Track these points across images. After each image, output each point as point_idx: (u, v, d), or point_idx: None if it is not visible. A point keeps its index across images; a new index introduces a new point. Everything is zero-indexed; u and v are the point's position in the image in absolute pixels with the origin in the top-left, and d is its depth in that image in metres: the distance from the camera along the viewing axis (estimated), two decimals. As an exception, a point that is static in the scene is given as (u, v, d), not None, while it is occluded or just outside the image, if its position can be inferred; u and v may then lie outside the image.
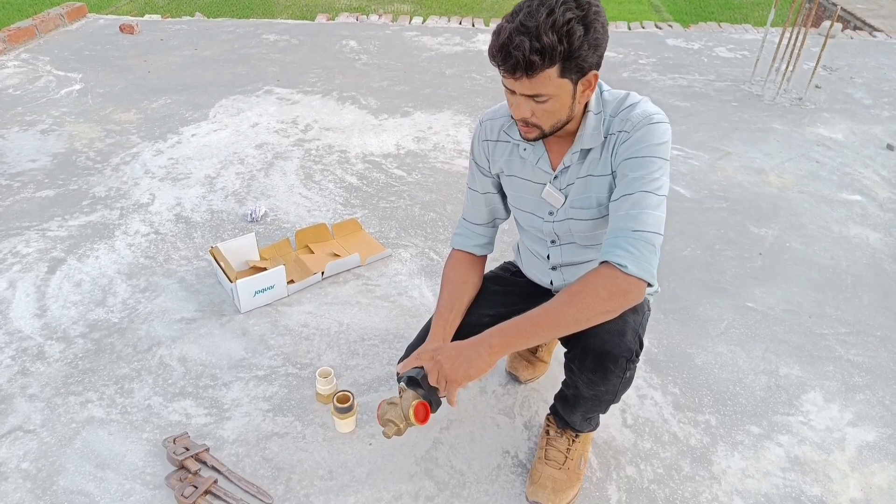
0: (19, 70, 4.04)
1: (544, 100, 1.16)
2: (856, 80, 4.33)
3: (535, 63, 1.09)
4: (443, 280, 1.51)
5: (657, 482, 1.57)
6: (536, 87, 1.14)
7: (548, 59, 1.09)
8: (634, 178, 1.21)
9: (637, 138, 1.22)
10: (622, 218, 1.21)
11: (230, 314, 2.07)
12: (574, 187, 1.33)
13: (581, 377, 1.32)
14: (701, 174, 3.02)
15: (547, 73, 1.11)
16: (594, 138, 1.26)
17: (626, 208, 1.20)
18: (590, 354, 1.28)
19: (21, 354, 1.89)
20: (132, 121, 3.40)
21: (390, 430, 1.27)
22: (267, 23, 5.24)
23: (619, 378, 1.30)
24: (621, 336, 1.26)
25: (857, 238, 2.57)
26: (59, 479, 1.54)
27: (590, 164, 1.29)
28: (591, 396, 1.37)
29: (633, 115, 1.23)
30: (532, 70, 1.10)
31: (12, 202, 2.65)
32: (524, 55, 1.08)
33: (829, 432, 1.72)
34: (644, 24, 5.56)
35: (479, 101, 3.79)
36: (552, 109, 1.18)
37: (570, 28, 1.08)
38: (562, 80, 1.13)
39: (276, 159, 3.04)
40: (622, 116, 1.24)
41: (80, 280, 2.21)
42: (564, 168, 1.32)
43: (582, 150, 1.29)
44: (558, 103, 1.17)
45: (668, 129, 1.23)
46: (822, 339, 2.04)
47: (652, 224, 1.19)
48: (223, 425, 1.69)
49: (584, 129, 1.27)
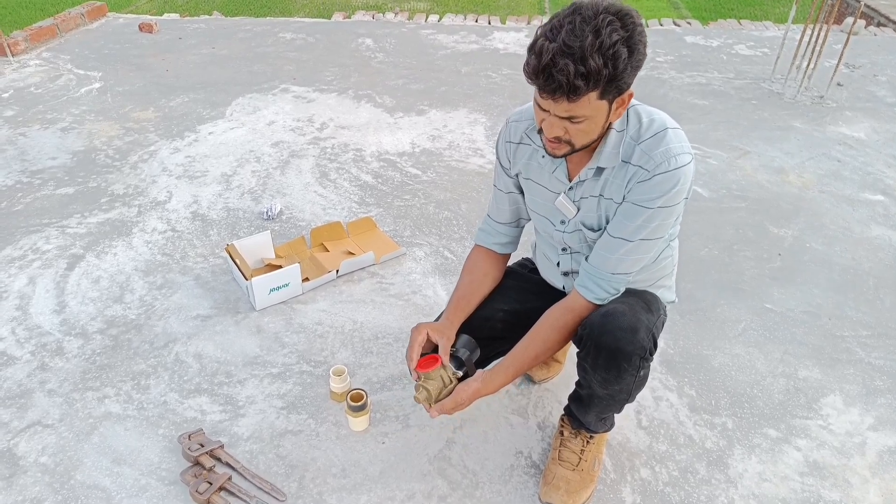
0: (40, 69, 4.09)
1: (580, 121, 1.12)
2: (879, 77, 4.25)
3: (580, 88, 1.04)
4: (462, 271, 1.52)
5: (672, 485, 1.55)
6: (574, 110, 1.10)
7: (593, 83, 1.05)
8: (636, 226, 1.24)
9: (653, 185, 1.19)
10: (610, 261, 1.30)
11: (245, 311, 2.08)
12: (587, 202, 1.31)
13: (595, 376, 1.31)
14: (720, 173, 2.98)
15: (588, 97, 1.07)
16: (612, 158, 1.24)
17: (620, 254, 1.28)
18: (602, 352, 1.26)
19: (40, 350, 1.92)
20: (150, 119, 3.44)
21: (421, 396, 1.36)
22: (284, 21, 5.26)
23: (632, 377, 1.28)
24: (634, 333, 1.25)
25: (879, 239, 2.53)
26: (77, 473, 1.56)
27: (604, 183, 1.27)
28: (605, 396, 1.36)
29: (655, 154, 1.19)
30: (576, 94, 1.05)
31: (33, 199, 2.69)
32: (568, 80, 1.03)
33: (850, 437, 1.69)
34: (662, 21, 5.51)
35: (494, 99, 3.77)
36: (586, 130, 1.15)
37: (615, 51, 1.03)
38: (600, 101, 1.10)
39: (291, 157, 3.06)
40: (644, 148, 1.20)
41: (98, 277, 2.23)
42: (580, 181, 1.30)
43: (598, 167, 1.27)
44: (593, 124, 1.14)
45: (688, 173, 1.20)
46: (842, 341, 2.01)
47: (633, 266, 1.30)
48: (238, 422, 1.70)
49: (605, 147, 1.23)
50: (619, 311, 1.26)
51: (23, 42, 4.32)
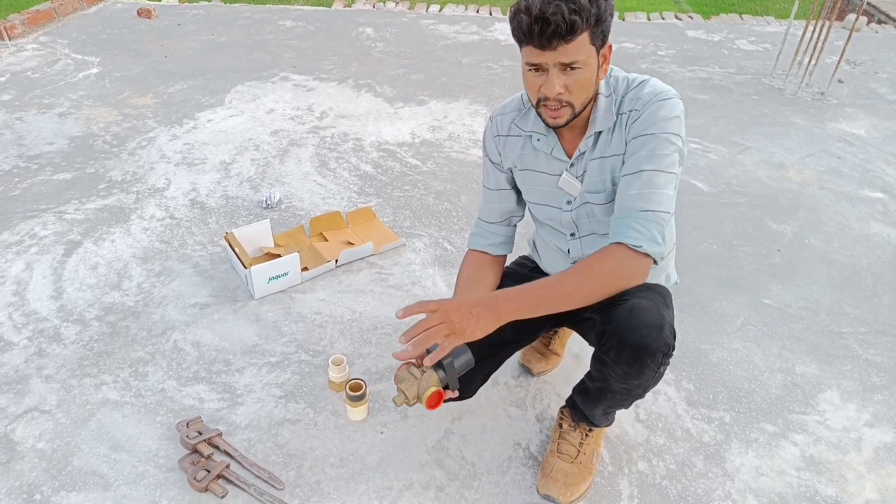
0: (38, 53, 4.06)
1: (579, 67, 1.16)
2: (880, 74, 4.25)
3: (577, 23, 1.09)
4: (458, 278, 1.49)
5: (669, 478, 1.55)
6: (572, 54, 1.14)
7: (584, 20, 1.10)
8: (643, 156, 1.23)
9: (648, 115, 1.23)
10: (632, 198, 1.23)
11: (244, 300, 2.07)
12: (590, 168, 1.32)
13: (615, 370, 1.29)
14: (719, 168, 2.98)
15: (582, 38, 1.12)
16: (607, 119, 1.28)
17: (637, 188, 1.23)
18: (627, 348, 1.24)
19: (38, 336, 1.91)
20: (149, 105, 3.41)
21: (399, 399, 1.26)
22: (283, 9, 5.23)
23: (653, 372, 1.27)
24: (660, 330, 1.23)
25: (878, 236, 2.53)
26: (74, 459, 1.55)
27: (602, 145, 1.30)
28: (620, 390, 1.33)
29: (643, 94, 1.25)
30: (573, 31, 1.10)
31: (30, 184, 2.67)
32: (564, 17, 1.08)
33: (846, 432, 1.69)
34: (664, 14, 5.48)
35: (495, 90, 3.76)
36: (584, 79, 1.18)
37: None
38: (591, 47, 1.15)
39: (291, 146, 3.04)
40: (632, 95, 1.26)
41: (96, 263, 2.22)
42: (580, 154, 1.32)
43: (595, 132, 1.29)
44: (589, 72, 1.18)
45: (678, 105, 1.24)
46: (840, 337, 2.01)
47: (661, 203, 1.22)
48: (236, 410, 1.70)
49: (597, 113, 1.28)
50: (644, 307, 1.24)
51: (20, 25, 4.28)
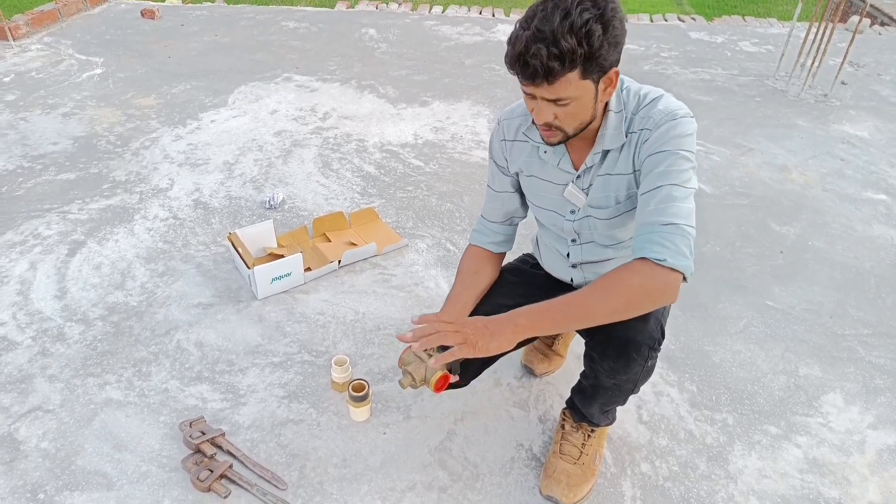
0: (42, 53, 4.07)
1: (566, 103, 1.13)
2: (883, 76, 4.24)
3: (555, 69, 1.06)
4: (457, 271, 1.50)
5: (672, 480, 1.55)
6: (558, 92, 1.11)
7: (568, 64, 1.06)
8: (661, 172, 1.18)
9: (660, 134, 1.19)
10: (652, 213, 1.17)
11: (247, 300, 2.08)
12: (596, 184, 1.31)
13: (602, 365, 1.31)
14: (722, 170, 2.98)
15: (567, 78, 1.08)
16: (616, 139, 1.24)
17: (655, 203, 1.17)
18: (612, 342, 1.26)
19: (41, 335, 1.91)
20: (152, 106, 3.42)
21: (405, 381, 1.27)
22: (287, 10, 5.23)
23: (640, 366, 1.28)
24: (644, 323, 1.25)
25: (881, 238, 2.53)
26: (78, 458, 1.56)
27: (610, 162, 1.28)
28: (611, 386, 1.35)
29: (654, 113, 1.20)
30: (552, 77, 1.07)
31: (34, 184, 2.68)
32: (542, 63, 1.05)
33: (849, 434, 1.69)
34: (666, 16, 5.48)
35: (498, 91, 3.76)
36: (575, 112, 1.15)
37: (588, 29, 1.04)
38: (583, 81, 1.10)
39: (294, 147, 3.04)
40: (643, 114, 1.22)
41: (99, 263, 2.22)
42: (587, 168, 1.30)
43: (603, 150, 1.26)
44: (581, 105, 1.14)
45: (691, 123, 1.20)
46: (843, 339, 2.01)
47: (683, 216, 1.15)
48: (239, 411, 1.70)
49: (606, 130, 1.24)
50: None
51: (24, 26, 4.29)
